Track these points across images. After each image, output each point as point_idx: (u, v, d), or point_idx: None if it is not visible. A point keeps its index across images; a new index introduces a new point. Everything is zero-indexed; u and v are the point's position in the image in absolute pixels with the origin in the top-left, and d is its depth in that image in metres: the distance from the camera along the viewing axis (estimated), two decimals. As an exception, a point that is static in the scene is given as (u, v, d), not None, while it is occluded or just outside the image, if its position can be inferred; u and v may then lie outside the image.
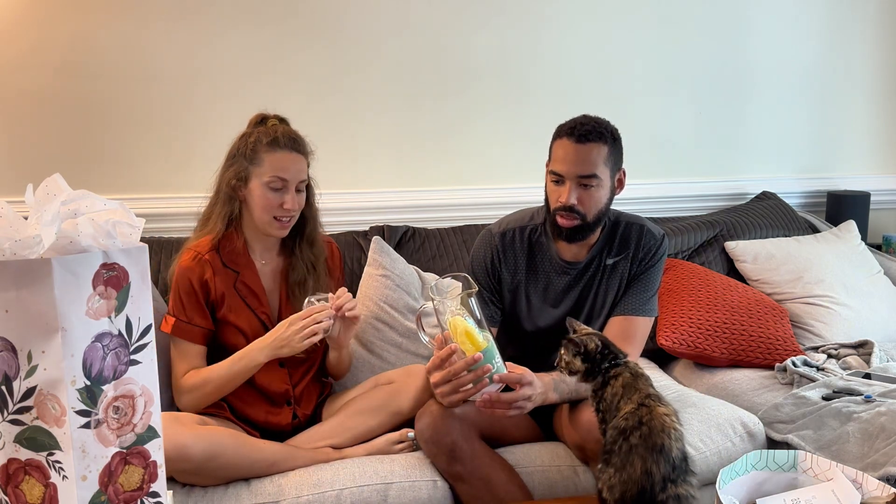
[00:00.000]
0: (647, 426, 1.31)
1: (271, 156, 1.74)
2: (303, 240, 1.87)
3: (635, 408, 1.35)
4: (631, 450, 1.30)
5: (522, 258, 1.84)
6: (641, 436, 1.30)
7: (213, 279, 1.77)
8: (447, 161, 2.68)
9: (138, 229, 0.97)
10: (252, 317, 1.81)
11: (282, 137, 1.76)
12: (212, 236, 1.80)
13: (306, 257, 1.86)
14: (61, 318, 0.88)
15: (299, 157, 1.78)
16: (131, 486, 0.97)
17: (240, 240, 1.82)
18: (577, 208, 1.71)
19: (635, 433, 1.31)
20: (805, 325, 2.46)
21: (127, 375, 0.95)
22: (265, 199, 1.74)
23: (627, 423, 1.33)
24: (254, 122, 1.83)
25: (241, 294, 1.80)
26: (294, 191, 1.76)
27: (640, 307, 1.81)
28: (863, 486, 1.29)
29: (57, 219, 0.89)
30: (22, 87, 2.31)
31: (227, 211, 1.79)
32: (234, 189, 1.78)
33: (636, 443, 1.30)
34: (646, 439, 1.30)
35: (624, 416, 1.35)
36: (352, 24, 2.53)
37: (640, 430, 1.31)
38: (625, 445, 1.31)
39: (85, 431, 0.91)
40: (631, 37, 2.81)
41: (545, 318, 1.86)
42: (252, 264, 1.83)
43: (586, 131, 1.70)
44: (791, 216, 2.86)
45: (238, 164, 1.77)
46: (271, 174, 1.73)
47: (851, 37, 3.06)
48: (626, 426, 1.33)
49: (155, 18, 2.38)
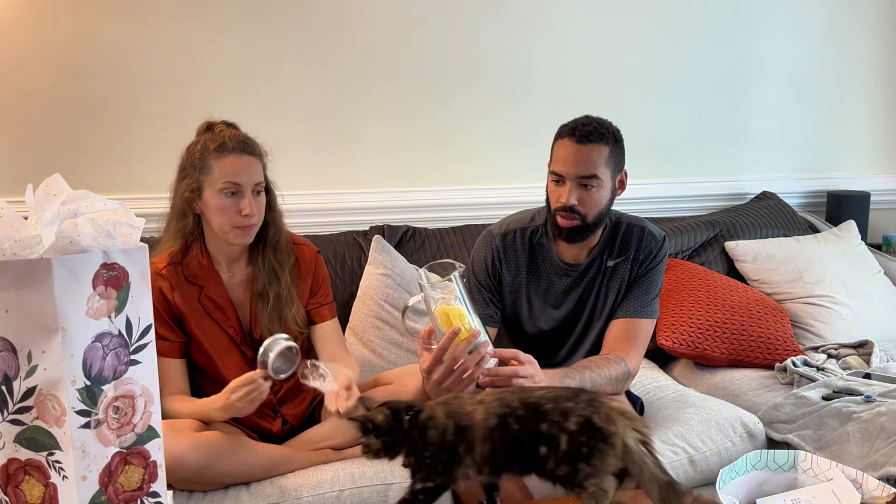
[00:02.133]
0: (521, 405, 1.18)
1: (220, 162, 1.65)
2: (266, 246, 1.78)
3: (490, 397, 1.21)
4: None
5: (523, 259, 1.83)
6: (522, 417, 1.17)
7: (171, 293, 1.71)
8: (447, 161, 2.68)
9: (138, 229, 0.97)
10: (219, 331, 1.75)
11: (229, 141, 1.67)
12: (170, 251, 1.74)
13: (268, 265, 1.77)
14: (61, 318, 0.88)
15: (251, 160, 1.69)
16: (131, 486, 0.97)
17: (203, 253, 1.75)
18: (578, 209, 1.71)
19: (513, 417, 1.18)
20: (805, 325, 2.46)
21: (127, 375, 0.95)
22: (221, 208, 1.66)
23: (506, 409, 1.19)
24: (201, 130, 1.75)
25: (206, 308, 1.74)
26: (250, 194, 1.67)
27: (642, 309, 1.81)
28: (863, 486, 1.29)
29: (57, 219, 0.89)
30: (22, 87, 2.31)
31: (181, 226, 1.72)
32: (188, 203, 1.70)
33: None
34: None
35: (491, 410, 1.19)
36: (352, 24, 2.53)
37: (516, 413, 1.18)
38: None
39: (85, 431, 0.91)
40: (631, 37, 2.81)
41: (546, 320, 1.85)
42: (217, 277, 1.76)
43: (587, 132, 1.69)
44: (791, 216, 2.86)
45: (189, 177, 1.69)
46: (223, 180, 1.65)
47: (851, 37, 3.06)
48: (508, 412, 1.19)
49: (155, 19, 2.37)
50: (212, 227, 1.72)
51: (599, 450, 1.13)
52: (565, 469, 1.14)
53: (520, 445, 1.17)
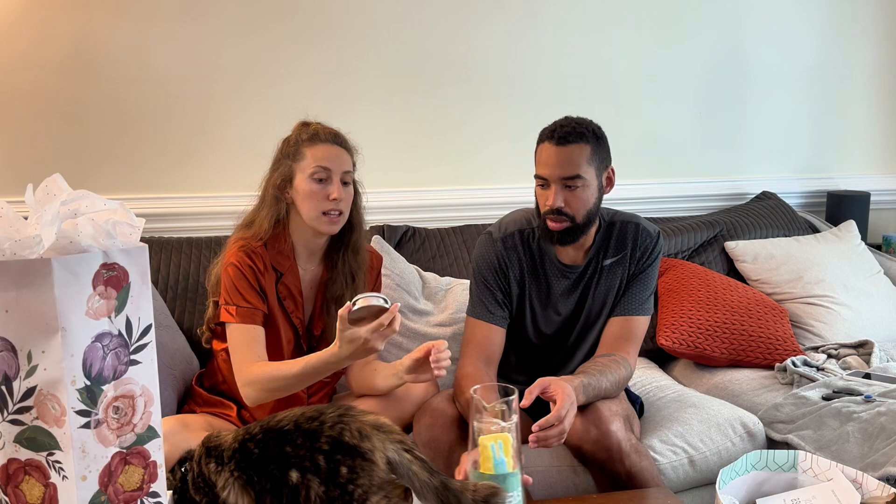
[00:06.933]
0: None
1: (312, 149, 1.74)
2: (348, 247, 1.83)
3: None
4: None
5: (524, 263, 1.83)
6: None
7: (261, 271, 1.76)
8: (447, 161, 2.68)
9: (138, 229, 0.97)
10: (286, 321, 1.79)
11: (322, 132, 1.77)
12: (259, 236, 1.78)
13: (348, 267, 1.81)
14: (61, 318, 0.88)
15: (341, 150, 1.77)
16: (131, 486, 0.97)
17: (287, 243, 1.80)
18: (565, 210, 1.70)
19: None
20: (805, 325, 2.46)
21: (127, 375, 0.95)
22: (311, 192, 1.72)
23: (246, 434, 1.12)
24: (295, 129, 1.84)
25: (281, 296, 1.78)
26: (339, 182, 1.74)
27: (639, 307, 1.81)
28: (863, 486, 1.29)
29: (57, 219, 0.89)
30: (22, 87, 2.31)
31: (273, 213, 1.77)
32: (281, 190, 1.77)
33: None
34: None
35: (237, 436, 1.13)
36: (352, 24, 2.53)
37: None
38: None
39: (85, 431, 0.91)
40: (631, 36, 2.81)
41: (548, 324, 1.85)
42: (295, 268, 1.81)
43: (566, 133, 1.69)
44: (791, 216, 2.86)
45: (282, 166, 1.76)
46: (314, 165, 1.72)
47: (851, 37, 3.06)
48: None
49: (154, 18, 2.37)
50: (299, 218, 1.77)
51: (361, 468, 1.06)
52: (336, 491, 1.05)
53: (265, 471, 1.08)
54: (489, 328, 1.79)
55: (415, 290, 2.26)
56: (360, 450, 1.06)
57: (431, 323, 2.23)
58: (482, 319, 1.80)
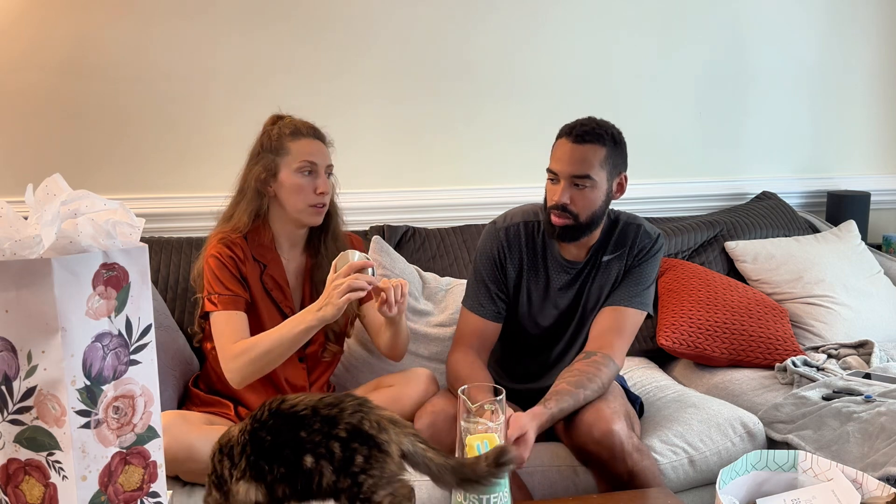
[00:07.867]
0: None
1: (297, 144, 1.77)
2: (328, 235, 1.88)
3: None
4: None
5: (525, 254, 1.84)
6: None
7: (242, 261, 1.77)
8: (447, 161, 2.68)
9: (138, 229, 0.97)
10: (276, 311, 1.81)
11: (303, 127, 1.81)
12: (238, 229, 1.79)
13: (331, 252, 1.84)
14: (61, 318, 0.87)
15: (322, 144, 1.82)
16: (131, 486, 0.97)
17: (267, 235, 1.83)
18: (570, 208, 1.71)
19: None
20: (805, 325, 2.46)
21: (127, 375, 0.95)
22: (298, 187, 1.76)
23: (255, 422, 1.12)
24: (271, 120, 1.87)
25: (267, 287, 1.81)
26: (324, 175, 1.79)
27: (630, 298, 1.79)
28: (863, 486, 1.29)
29: (57, 219, 0.89)
30: (22, 87, 2.31)
31: (253, 207, 1.79)
32: (264, 183, 1.79)
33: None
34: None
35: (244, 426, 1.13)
36: (351, 24, 2.53)
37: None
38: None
39: (85, 431, 0.91)
40: (631, 36, 2.81)
41: (544, 316, 1.86)
42: (278, 259, 1.84)
43: (584, 132, 1.70)
44: (791, 216, 2.86)
45: (265, 159, 1.79)
46: (301, 160, 1.76)
47: (851, 37, 3.06)
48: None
49: (154, 18, 2.37)
50: (280, 210, 1.80)
51: (376, 458, 1.07)
52: (346, 482, 1.06)
53: (279, 456, 1.08)
54: (479, 320, 1.83)
55: (415, 290, 2.26)
56: (378, 440, 1.07)
57: (432, 323, 2.23)
58: (473, 312, 1.84)
